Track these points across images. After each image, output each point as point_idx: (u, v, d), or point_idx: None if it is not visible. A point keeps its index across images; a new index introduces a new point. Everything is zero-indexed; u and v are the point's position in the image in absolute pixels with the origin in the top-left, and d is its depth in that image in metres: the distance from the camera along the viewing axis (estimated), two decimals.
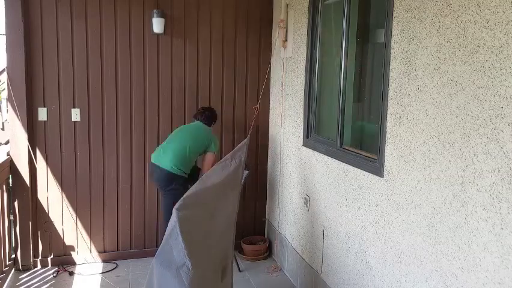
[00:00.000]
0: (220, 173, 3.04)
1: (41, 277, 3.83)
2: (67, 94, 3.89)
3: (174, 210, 2.66)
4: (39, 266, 3.98)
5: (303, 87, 3.58)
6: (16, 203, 3.72)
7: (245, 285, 3.78)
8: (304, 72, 3.57)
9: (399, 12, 2.36)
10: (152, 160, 3.68)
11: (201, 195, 2.85)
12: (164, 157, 3.62)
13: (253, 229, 4.56)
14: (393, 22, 2.40)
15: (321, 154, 3.28)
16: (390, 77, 2.44)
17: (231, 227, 2.94)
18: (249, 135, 3.39)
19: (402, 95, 2.33)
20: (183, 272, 2.51)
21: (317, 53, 3.43)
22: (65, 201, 3.96)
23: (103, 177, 4.03)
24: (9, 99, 3.82)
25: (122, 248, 4.17)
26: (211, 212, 2.84)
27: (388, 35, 2.44)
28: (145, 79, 4.06)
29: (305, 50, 3.54)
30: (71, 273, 3.88)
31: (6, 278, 3.61)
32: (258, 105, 4.13)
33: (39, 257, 3.95)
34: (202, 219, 2.77)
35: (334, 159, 3.08)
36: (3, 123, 4.09)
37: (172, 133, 3.84)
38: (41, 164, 3.89)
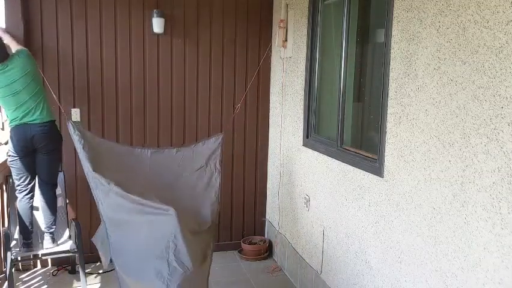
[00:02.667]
0: (196, 182, 2.99)
1: (41, 277, 3.83)
2: (67, 94, 3.89)
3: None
4: (39, 266, 3.98)
5: (303, 87, 3.58)
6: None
7: (245, 285, 3.78)
8: (304, 72, 3.57)
9: (399, 12, 2.36)
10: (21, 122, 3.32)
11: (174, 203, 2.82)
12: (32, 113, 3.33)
13: (253, 229, 4.56)
14: (393, 22, 2.40)
15: (321, 154, 3.28)
16: (390, 77, 2.44)
17: (211, 229, 2.92)
18: (222, 134, 3.21)
19: (402, 95, 2.33)
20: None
21: (317, 53, 3.44)
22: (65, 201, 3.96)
23: None
24: None
25: None
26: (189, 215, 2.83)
27: (388, 35, 2.44)
28: (145, 79, 4.06)
29: (305, 50, 3.54)
30: (71, 272, 3.89)
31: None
32: (239, 106, 4.12)
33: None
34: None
35: (334, 159, 3.08)
36: (3, 123, 4.08)
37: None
38: None
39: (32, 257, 3.52)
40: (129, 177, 2.94)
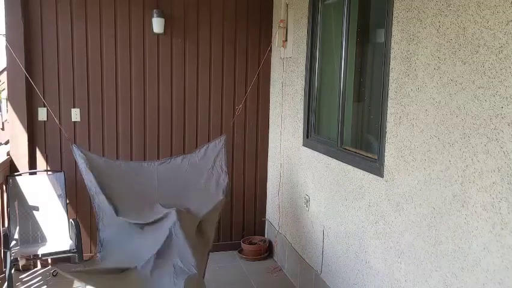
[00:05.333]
0: (204, 185, 3.03)
1: (41, 277, 3.83)
2: (67, 94, 3.89)
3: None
4: (39, 266, 3.98)
5: (303, 87, 3.58)
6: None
7: (245, 285, 3.78)
8: (304, 72, 3.57)
9: (399, 12, 2.36)
10: None
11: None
12: None
13: (253, 229, 4.57)
14: (393, 22, 2.40)
15: (321, 154, 3.28)
16: (390, 77, 2.44)
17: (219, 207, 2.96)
18: (225, 135, 3.27)
19: (402, 95, 2.33)
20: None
21: (317, 53, 3.43)
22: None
23: None
24: (9, 99, 3.82)
25: None
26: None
27: (388, 35, 2.44)
28: (145, 79, 4.06)
29: (305, 49, 3.54)
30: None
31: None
32: (240, 107, 4.14)
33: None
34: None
35: (334, 159, 3.08)
36: (3, 123, 4.10)
37: None
38: (41, 164, 3.89)
39: (32, 257, 3.52)
40: (138, 192, 3.01)
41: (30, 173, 3.82)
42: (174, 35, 4.08)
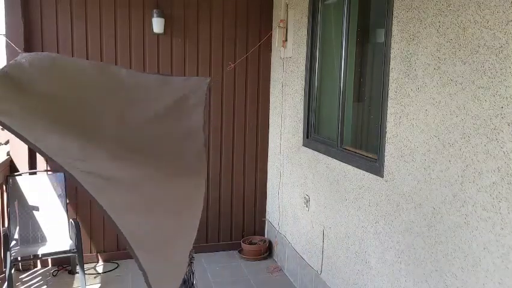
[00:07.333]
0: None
1: (41, 277, 3.83)
2: None
3: None
4: (39, 266, 3.98)
5: (303, 87, 3.58)
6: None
7: (245, 285, 3.78)
8: (304, 72, 3.57)
9: (399, 12, 2.36)
10: None
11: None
12: None
13: (253, 229, 4.56)
14: (393, 22, 2.40)
15: (321, 154, 3.28)
16: (390, 77, 2.44)
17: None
18: (210, 78, 2.58)
19: (402, 95, 2.33)
20: None
21: (317, 53, 3.43)
22: None
23: None
24: None
25: (122, 248, 4.17)
26: None
27: (388, 35, 2.44)
28: None
29: (305, 49, 3.54)
30: (71, 273, 3.89)
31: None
32: (234, 64, 4.09)
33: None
34: None
35: (334, 159, 3.08)
36: None
37: None
38: (41, 164, 3.89)
39: (32, 257, 3.52)
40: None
41: (30, 173, 3.82)
42: (174, 35, 4.08)
